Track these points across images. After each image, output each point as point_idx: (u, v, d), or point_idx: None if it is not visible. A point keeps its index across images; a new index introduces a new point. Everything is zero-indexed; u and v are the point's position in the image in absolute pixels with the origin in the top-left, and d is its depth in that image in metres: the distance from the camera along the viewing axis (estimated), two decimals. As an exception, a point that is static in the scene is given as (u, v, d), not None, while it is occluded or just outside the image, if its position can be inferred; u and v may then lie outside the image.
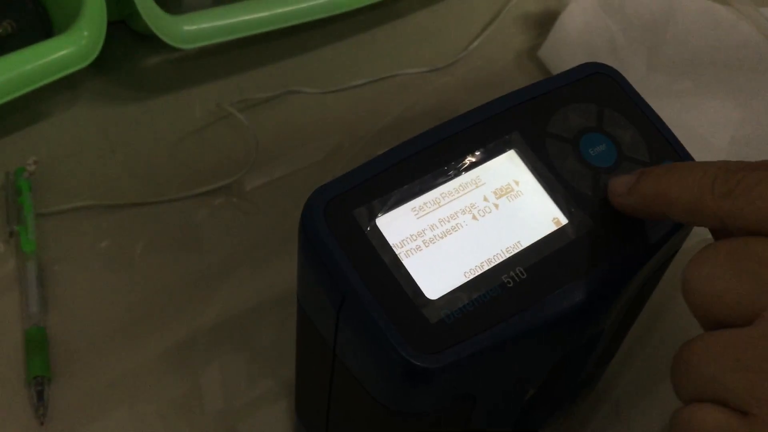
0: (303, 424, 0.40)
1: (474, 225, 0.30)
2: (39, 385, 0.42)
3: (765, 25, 0.55)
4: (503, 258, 0.29)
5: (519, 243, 0.29)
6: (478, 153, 0.31)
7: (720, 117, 0.55)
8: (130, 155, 0.53)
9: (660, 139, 0.32)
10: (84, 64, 0.51)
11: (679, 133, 0.33)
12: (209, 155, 0.54)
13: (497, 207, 0.30)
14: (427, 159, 0.30)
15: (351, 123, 0.57)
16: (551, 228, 0.30)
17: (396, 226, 0.29)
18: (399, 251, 0.28)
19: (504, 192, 0.30)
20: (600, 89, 0.33)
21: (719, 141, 0.53)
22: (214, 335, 0.46)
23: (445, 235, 0.29)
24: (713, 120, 0.55)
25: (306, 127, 0.56)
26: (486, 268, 0.29)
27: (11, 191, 0.49)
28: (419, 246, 0.29)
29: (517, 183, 0.31)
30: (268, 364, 0.45)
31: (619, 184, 0.30)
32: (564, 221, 0.30)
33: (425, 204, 0.30)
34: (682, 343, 0.25)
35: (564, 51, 0.59)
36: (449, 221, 0.29)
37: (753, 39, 0.55)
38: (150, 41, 0.55)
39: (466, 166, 0.30)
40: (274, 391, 0.44)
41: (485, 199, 0.30)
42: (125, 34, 0.58)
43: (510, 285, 0.28)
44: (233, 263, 0.49)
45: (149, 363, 0.45)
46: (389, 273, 0.28)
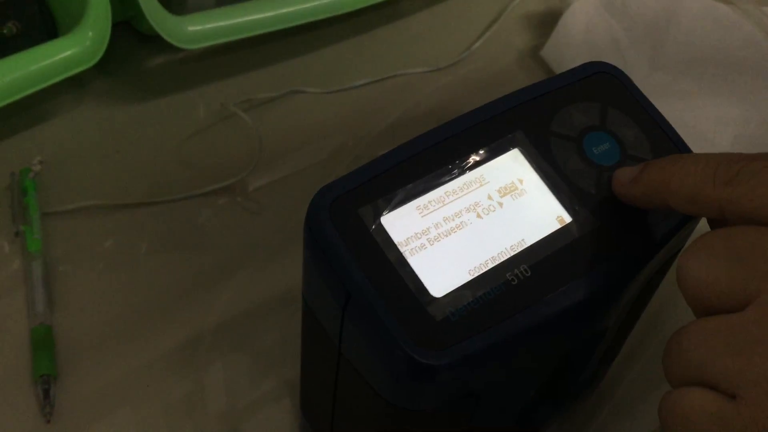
0: (308, 421, 0.40)
1: (478, 223, 0.30)
2: (45, 384, 0.42)
3: (766, 24, 0.56)
4: (507, 256, 0.29)
5: (523, 241, 0.29)
6: (482, 152, 0.31)
7: (723, 116, 0.55)
8: (134, 155, 0.53)
9: (663, 137, 0.32)
10: (89, 64, 0.51)
11: (683, 132, 0.33)
12: (213, 155, 0.54)
13: (501, 205, 0.30)
14: (432, 158, 0.30)
15: (354, 123, 0.57)
16: (555, 226, 0.30)
17: (401, 224, 0.29)
18: (404, 249, 0.28)
19: (508, 190, 0.31)
20: (603, 88, 0.33)
21: (722, 140, 0.54)
22: (218, 334, 0.46)
23: (450, 234, 0.29)
24: (716, 119, 0.55)
25: (309, 127, 0.56)
26: (490, 266, 0.29)
27: (17, 191, 0.50)
28: (424, 244, 0.29)
29: (521, 181, 0.31)
30: (272, 363, 0.45)
31: (624, 174, 0.30)
32: (568, 219, 0.30)
33: (430, 202, 0.30)
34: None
35: (567, 51, 0.59)
36: (454, 219, 0.30)
37: (756, 38, 0.55)
38: (154, 42, 0.55)
39: (470, 164, 0.31)
40: (277, 391, 0.44)
41: (489, 198, 0.30)
42: (130, 34, 0.58)
43: (514, 283, 0.29)
44: (237, 263, 0.49)
45: (154, 362, 0.45)
46: (394, 271, 0.28)
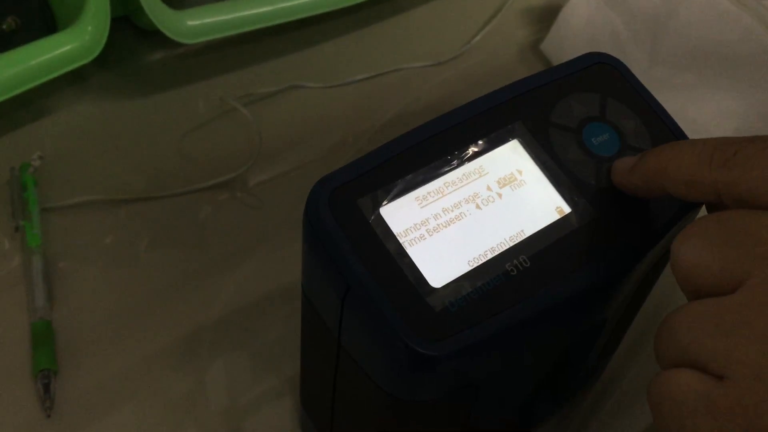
0: (308, 415, 0.40)
1: (477, 214, 0.30)
2: (45, 378, 0.42)
3: (767, 17, 0.55)
4: (507, 247, 0.29)
5: (522, 232, 0.29)
6: (481, 143, 0.31)
7: (723, 109, 0.55)
8: (134, 150, 0.53)
9: (663, 128, 0.32)
10: (88, 59, 0.52)
11: (683, 125, 0.33)
12: (213, 150, 0.54)
13: (500, 196, 0.30)
14: (431, 149, 0.30)
15: (354, 117, 0.57)
16: (554, 217, 0.30)
17: (400, 215, 0.29)
18: (403, 240, 0.28)
19: (507, 181, 0.31)
20: (603, 79, 0.33)
21: (722, 132, 0.53)
22: (219, 330, 0.46)
23: (449, 224, 0.29)
24: (716, 112, 0.55)
25: (309, 122, 0.56)
26: (490, 256, 0.29)
27: (16, 186, 0.50)
28: (423, 235, 0.29)
29: (521, 172, 0.31)
30: (273, 359, 0.45)
31: (623, 164, 0.30)
32: (567, 210, 0.30)
33: (429, 193, 0.30)
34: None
35: (567, 44, 0.59)
36: (453, 210, 0.30)
37: (755, 31, 0.55)
38: (153, 36, 0.55)
39: (469, 155, 0.31)
40: (278, 388, 0.44)
41: (489, 189, 0.30)
42: (129, 29, 0.58)
43: (513, 273, 0.28)
44: (238, 258, 0.49)
45: (154, 357, 0.45)
46: (393, 262, 0.28)
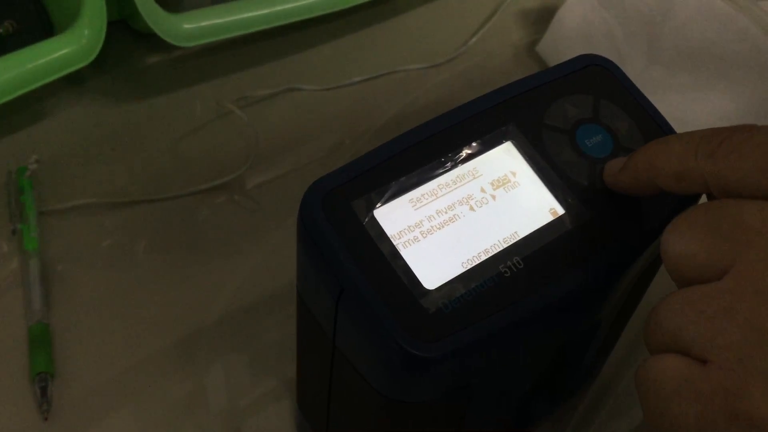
0: (305, 416, 0.40)
1: (471, 216, 0.30)
2: (42, 381, 0.42)
3: (762, 18, 0.56)
4: (500, 248, 0.29)
5: (516, 233, 0.30)
6: (475, 145, 0.31)
7: (719, 110, 0.55)
8: (131, 153, 0.53)
9: (656, 130, 0.32)
10: (85, 63, 0.52)
11: (678, 126, 0.33)
12: (210, 153, 0.54)
13: (494, 198, 0.30)
14: (425, 151, 0.30)
15: (351, 119, 0.57)
16: (548, 218, 0.30)
17: (394, 217, 0.29)
18: (397, 242, 0.28)
19: (501, 183, 0.31)
20: (595, 80, 0.33)
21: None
22: (217, 332, 0.46)
23: (443, 226, 0.29)
24: (712, 112, 0.55)
25: (306, 124, 0.56)
26: (483, 258, 0.29)
27: (13, 190, 0.50)
28: (417, 237, 0.29)
29: (514, 174, 0.31)
30: (271, 362, 0.45)
31: (614, 164, 0.30)
32: (561, 211, 0.30)
33: (423, 195, 0.30)
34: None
35: (563, 46, 0.59)
36: (446, 212, 0.30)
37: (751, 32, 0.55)
38: (150, 40, 0.55)
39: (463, 157, 0.31)
40: (277, 389, 0.44)
41: (482, 191, 0.30)
42: (125, 33, 0.58)
43: (507, 275, 0.29)
44: (235, 260, 0.49)
45: (152, 360, 0.45)
46: (387, 264, 0.28)
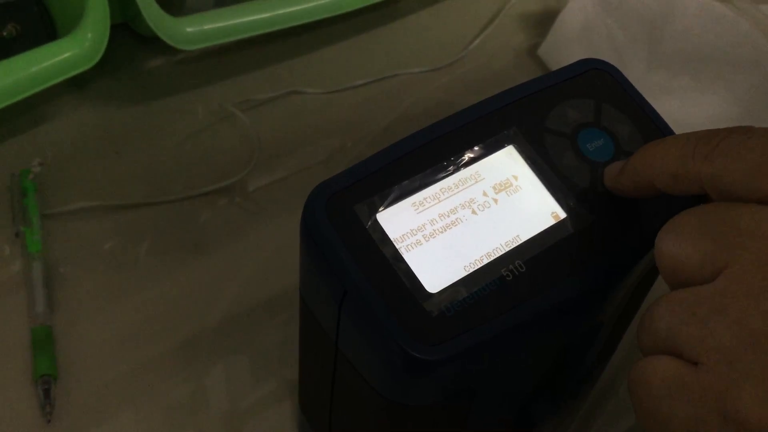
0: (306, 419, 0.40)
1: (473, 219, 0.30)
2: (45, 384, 0.43)
3: (763, 22, 0.56)
4: (502, 252, 0.29)
5: (518, 237, 0.30)
6: (477, 149, 0.31)
7: (719, 113, 0.55)
8: (133, 156, 0.54)
9: (657, 133, 0.33)
10: (88, 66, 0.52)
11: (679, 130, 0.33)
12: (212, 156, 0.54)
13: (496, 202, 0.30)
14: (427, 155, 0.30)
15: (353, 123, 0.57)
16: (550, 222, 0.30)
17: (396, 220, 0.29)
18: (399, 246, 0.29)
19: (503, 187, 0.31)
20: (597, 84, 0.33)
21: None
22: (219, 334, 0.46)
23: (445, 230, 0.29)
24: (713, 116, 0.55)
25: (308, 127, 0.57)
26: (485, 261, 0.29)
27: (17, 192, 0.50)
28: (419, 240, 0.29)
29: (516, 178, 0.31)
30: (273, 364, 0.45)
31: (613, 166, 0.31)
32: (563, 215, 0.30)
33: (425, 199, 0.30)
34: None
35: (564, 49, 0.60)
36: (449, 216, 0.30)
37: (751, 35, 0.55)
38: (153, 43, 0.56)
39: (465, 161, 0.31)
40: (278, 392, 0.44)
41: (484, 194, 0.30)
42: (128, 36, 0.58)
43: (509, 278, 0.29)
44: (237, 262, 0.49)
45: (154, 362, 0.45)
46: (390, 267, 0.28)
